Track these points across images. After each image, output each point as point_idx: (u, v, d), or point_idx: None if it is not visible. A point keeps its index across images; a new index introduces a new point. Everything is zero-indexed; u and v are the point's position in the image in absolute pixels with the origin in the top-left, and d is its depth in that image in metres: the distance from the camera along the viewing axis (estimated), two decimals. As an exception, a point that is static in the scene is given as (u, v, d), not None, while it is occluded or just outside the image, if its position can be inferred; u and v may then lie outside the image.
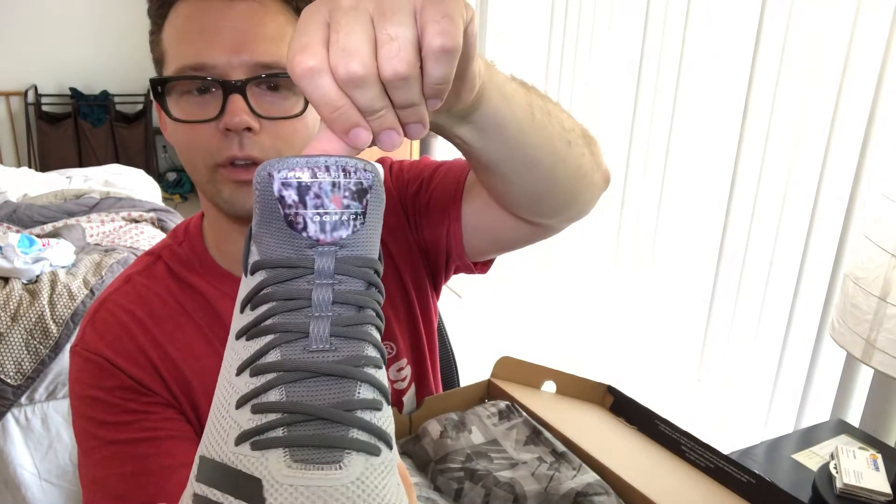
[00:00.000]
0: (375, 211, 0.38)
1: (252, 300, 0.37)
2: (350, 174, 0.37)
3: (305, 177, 0.36)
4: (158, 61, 0.68)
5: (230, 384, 0.36)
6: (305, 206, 0.36)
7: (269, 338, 0.36)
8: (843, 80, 1.47)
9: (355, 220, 0.37)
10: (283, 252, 0.36)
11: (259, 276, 0.37)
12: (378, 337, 0.38)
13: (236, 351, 0.37)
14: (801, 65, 1.58)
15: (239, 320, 0.38)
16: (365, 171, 0.37)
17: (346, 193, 0.37)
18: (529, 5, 2.53)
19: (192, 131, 0.65)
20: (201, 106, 0.64)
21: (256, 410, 0.34)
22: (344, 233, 0.37)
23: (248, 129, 0.63)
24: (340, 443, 0.34)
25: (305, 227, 0.36)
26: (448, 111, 0.50)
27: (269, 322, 0.36)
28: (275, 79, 0.65)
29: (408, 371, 0.83)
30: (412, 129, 0.40)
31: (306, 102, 0.66)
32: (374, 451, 0.34)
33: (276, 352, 0.35)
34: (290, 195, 0.36)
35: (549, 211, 0.69)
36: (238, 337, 0.37)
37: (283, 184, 0.36)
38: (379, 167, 0.38)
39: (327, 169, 0.36)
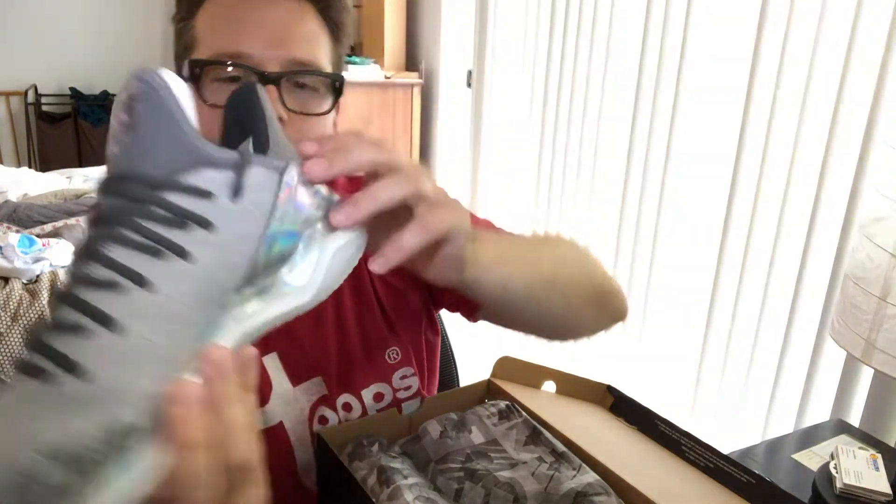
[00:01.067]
0: (152, 121, 0.35)
1: None
2: (125, 87, 0.35)
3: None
4: (187, 48, 0.69)
5: None
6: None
7: None
8: (843, 81, 1.47)
9: (125, 134, 0.35)
10: None
11: None
12: (117, 251, 0.35)
13: None
14: (800, 65, 1.58)
15: None
16: (137, 79, 0.35)
17: (119, 107, 0.35)
18: (530, 5, 2.53)
19: (219, 118, 0.66)
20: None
21: None
22: (115, 149, 0.36)
23: (279, 120, 0.65)
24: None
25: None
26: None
27: None
28: (308, 76, 0.67)
29: (413, 382, 0.83)
30: None
31: (333, 102, 0.70)
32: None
33: None
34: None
35: (546, 339, 0.78)
36: None
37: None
38: (168, 75, 0.36)
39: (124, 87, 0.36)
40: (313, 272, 0.42)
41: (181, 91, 0.36)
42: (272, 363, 0.75)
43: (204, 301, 0.36)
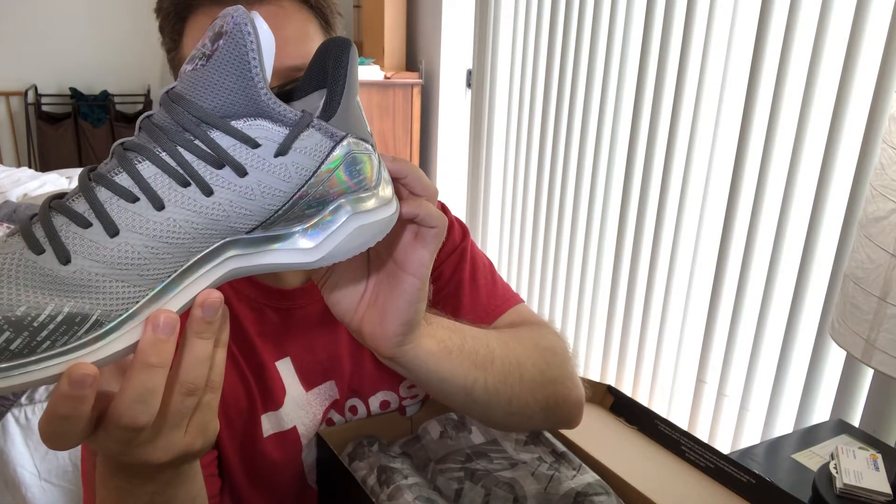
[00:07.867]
0: (227, 60, 0.37)
1: None
2: (221, 16, 0.37)
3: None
4: None
5: None
6: None
7: None
8: (844, 80, 1.47)
9: (200, 59, 0.37)
10: None
11: None
12: (148, 167, 0.37)
13: None
14: (801, 65, 1.58)
15: None
16: (231, 17, 0.37)
17: (209, 33, 0.38)
18: (531, 5, 2.53)
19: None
20: None
21: None
22: (188, 67, 0.38)
23: None
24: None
25: None
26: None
27: None
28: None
29: (420, 391, 0.82)
30: None
31: None
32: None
33: None
34: None
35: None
36: None
37: None
38: (260, 24, 0.38)
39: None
40: (327, 238, 0.42)
41: (267, 42, 0.38)
42: (285, 368, 0.74)
43: (209, 236, 0.38)
